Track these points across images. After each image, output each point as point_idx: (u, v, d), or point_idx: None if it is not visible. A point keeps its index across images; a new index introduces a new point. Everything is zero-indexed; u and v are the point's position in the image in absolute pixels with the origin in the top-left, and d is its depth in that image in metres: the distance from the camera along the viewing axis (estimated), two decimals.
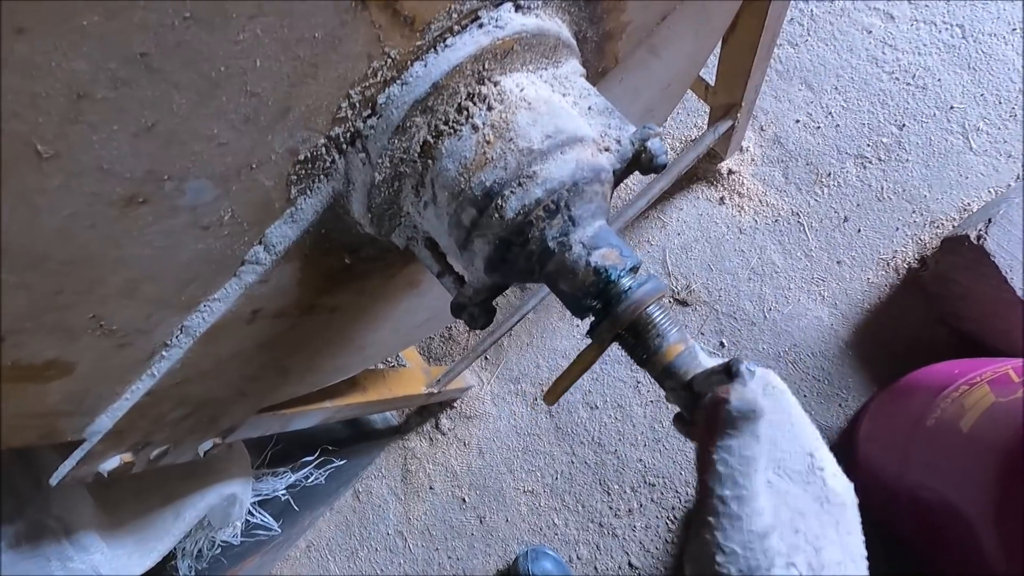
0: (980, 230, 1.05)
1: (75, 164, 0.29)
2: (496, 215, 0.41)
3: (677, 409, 0.42)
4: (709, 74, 1.11)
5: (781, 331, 1.27)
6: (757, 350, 1.28)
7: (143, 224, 0.35)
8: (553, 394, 0.43)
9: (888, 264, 1.23)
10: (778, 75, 1.36)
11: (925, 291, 1.20)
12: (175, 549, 0.93)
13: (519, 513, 1.40)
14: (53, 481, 0.49)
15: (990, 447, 0.72)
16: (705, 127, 1.17)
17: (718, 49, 1.00)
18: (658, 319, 0.42)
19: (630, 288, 0.41)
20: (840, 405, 1.22)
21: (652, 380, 0.44)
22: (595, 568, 1.33)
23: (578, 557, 1.34)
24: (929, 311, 1.19)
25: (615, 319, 0.41)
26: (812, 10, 1.37)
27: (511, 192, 0.40)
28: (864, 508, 0.34)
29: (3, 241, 0.29)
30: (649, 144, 0.44)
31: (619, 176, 0.46)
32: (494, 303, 0.49)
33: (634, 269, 0.42)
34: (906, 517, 0.94)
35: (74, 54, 0.25)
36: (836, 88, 1.32)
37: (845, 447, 1.18)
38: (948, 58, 1.26)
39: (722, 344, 1.31)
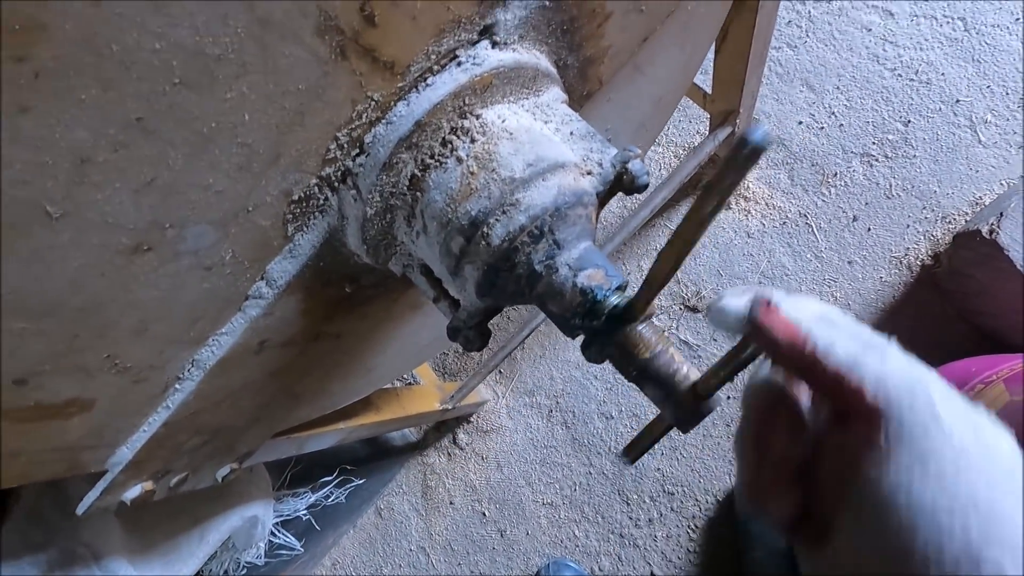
0: (992, 224, 1.03)
1: (82, 221, 0.32)
2: (483, 242, 0.43)
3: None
4: (707, 81, 1.12)
5: None
6: None
7: (149, 269, 0.37)
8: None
9: (901, 262, 1.22)
10: (778, 77, 1.36)
11: (940, 288, 1.18)
12: (202, 571, 0.96)
13: (539, 526, 1.40)
14: (80, 511, 0.52)
15: None
16: (707, 134, 1.18)
17: (713, 56, 1.01)
18: (646, 336, 0.42)
19: (617, 307, 0.42)
20: None
21: None
22: None
23: (600, 569, 1.34)
24: (946, 308, 1.17)
25: (604, 339, 0.42)
26: (810, 11, 1.37)
27: (496, 220, 0.42)
28: None
29: (21, 293, 0.32)
30: (630, 166, 0.45)
31: (603, 198, 0.47)
32: (489, 325, 0.50)
33: (620, 288, 0.44)
34: None
35: (75, 125, 0.27)
36: (838, 88, 1.31)
37: None
38: (951, 52, 1.25)
39: None
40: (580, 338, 0.45)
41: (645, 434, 0.45)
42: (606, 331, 0.41)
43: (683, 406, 0.39)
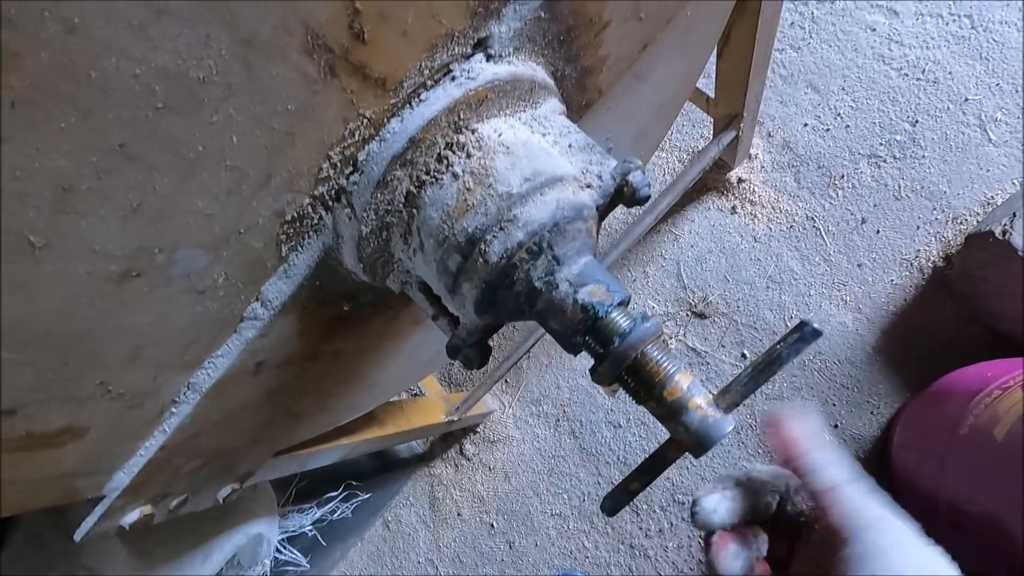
0: (1005, 225, 1.01)
1: (67, 250, 0.31)
2: (480, 260, 0.42)
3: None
4: (710, 85, 1.10)
5: None
6: None
7: (139, 295, 0.37)
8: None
9: (911, 264, 1.20)
10: (782, 79, 1.34)
11: (952, 290, 1.15)
12: None
13: (548, 537, 1.38)
14: (77, 537, 0.51)
15: None
16: (711, 137, 1.17)
17: (716, 60, 1.00)
18: (657, 358, 0.41)
19: (629, 329, 0.40)
20: (872, 413, 1.18)
21: None
22: None
23: None
24: (959, 310, 1.15)
25: (615, 361, 0.41)
26: (813, 12, 1.35)
27: (493, 237, 0.41)
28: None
29: (4, 323, 0.31)
30: (631, 178, 0.44)
31: (603, 211, 0.46)
32: (490, 342, 0.49)
33: (622, 303, 0.42)
34: (946, 530, 0.90)
35: (56, 153, 0.27)
36: (843, 89, 1.29)
37: (879, 457, 1.14)
38: (958, 50, 1.23)
39: (744, 356, 1.28)
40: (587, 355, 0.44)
41: (631, 480, 0.43)
42: (616, 353, 0.40)
43: (698, 429, 0.38)
